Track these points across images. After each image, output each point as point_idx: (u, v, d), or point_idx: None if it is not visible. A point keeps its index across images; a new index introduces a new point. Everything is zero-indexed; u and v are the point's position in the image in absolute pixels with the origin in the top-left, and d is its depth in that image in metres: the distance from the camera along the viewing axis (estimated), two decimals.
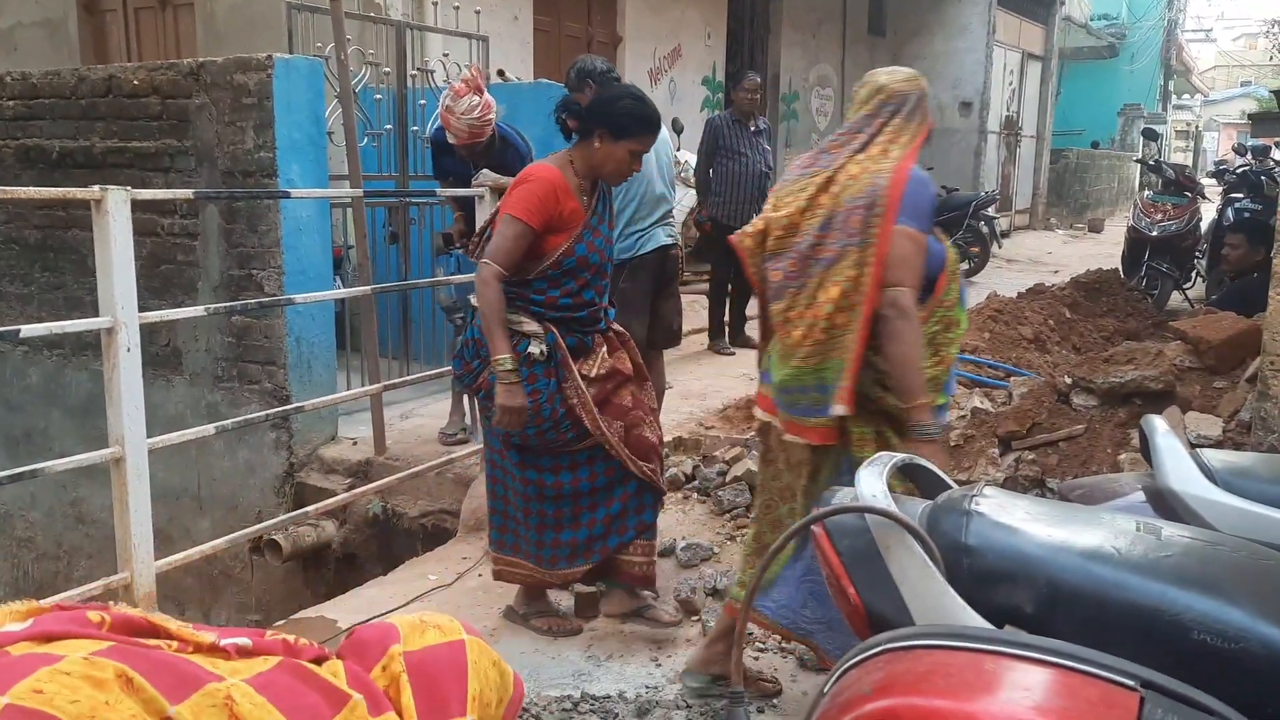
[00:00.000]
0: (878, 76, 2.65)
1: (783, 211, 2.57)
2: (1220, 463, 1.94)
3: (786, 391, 2.58)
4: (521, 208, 2.97)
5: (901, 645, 1.11)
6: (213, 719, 0.85)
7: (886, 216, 2.45)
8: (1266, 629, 1.12)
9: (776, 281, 2.57)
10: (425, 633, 1.09)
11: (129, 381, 2.87)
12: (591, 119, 3.03)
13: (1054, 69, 18.42)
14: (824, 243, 2.51)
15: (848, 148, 2.56)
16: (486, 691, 1.06)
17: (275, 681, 0.93)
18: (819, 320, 2.49)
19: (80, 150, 5.43)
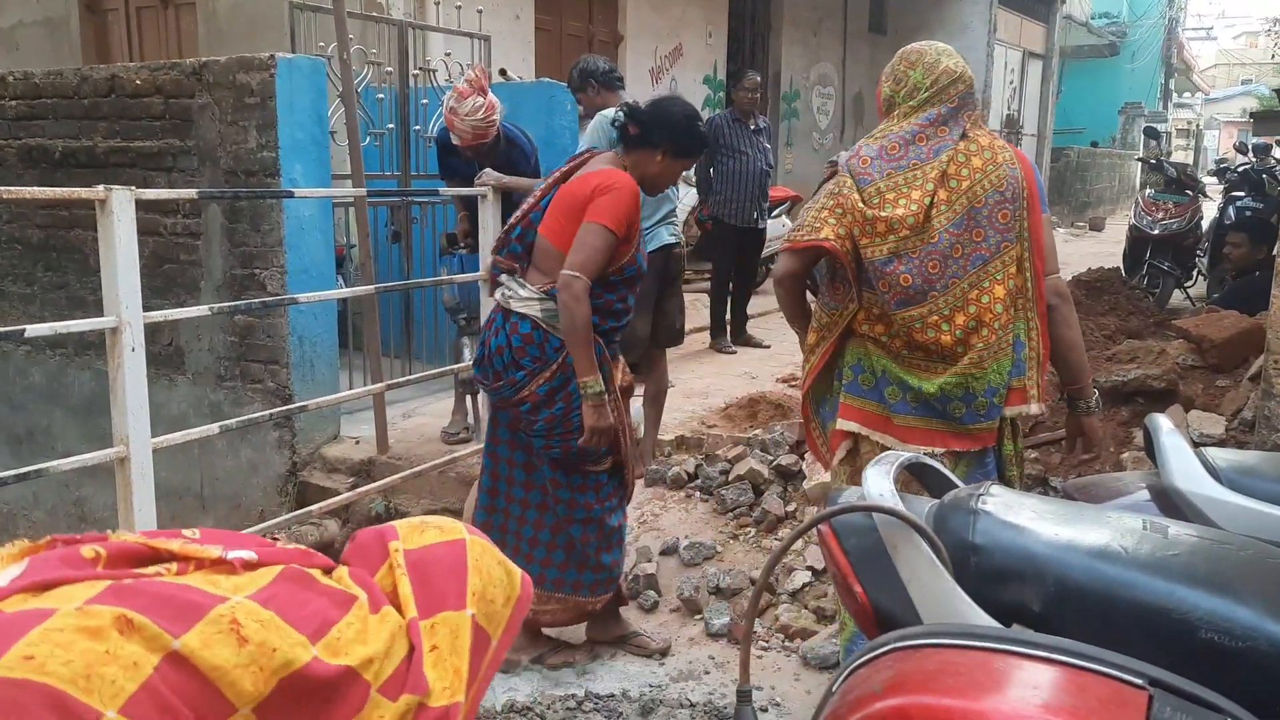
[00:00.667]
0: (943, 59, 2.47)
1: (899, 210, 2.36)
2: (1225, 461, 1.94)
3: (944, 400, 2.40)
4: (612, 217, 2.85)
5: (910, 644, 1.11)
6: (221, 645, 0.85)
7: (1034, 207, 2.44)
8: (1274, 627, 1.12)
9: (908, 285, 2.37)
10: (425, 532, 1.08)
11: (133, 381, 2.87)
12: (661, 134, 2.97)
13: (1055, 67, 18.42)
14: (972, 240, 2.39)
15: (944, 139, 2.42)
16: (489, 588, 1.05)
17: (279, 593, 0.92)
18: (990, 322, 2.38)
19: (83, 150, 5.43)
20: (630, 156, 3.01)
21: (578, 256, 2.84)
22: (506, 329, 2.96)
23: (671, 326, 4.58)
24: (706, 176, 6.94)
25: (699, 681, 3.16)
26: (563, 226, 2.92)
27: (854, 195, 2.42)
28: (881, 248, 2.39)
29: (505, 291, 3.02)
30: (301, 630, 0.90)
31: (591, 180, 2.91)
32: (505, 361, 2.96)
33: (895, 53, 2.62)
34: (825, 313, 2.57)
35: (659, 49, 10.03)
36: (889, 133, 2.48)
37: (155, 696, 0.80)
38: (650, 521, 4.09)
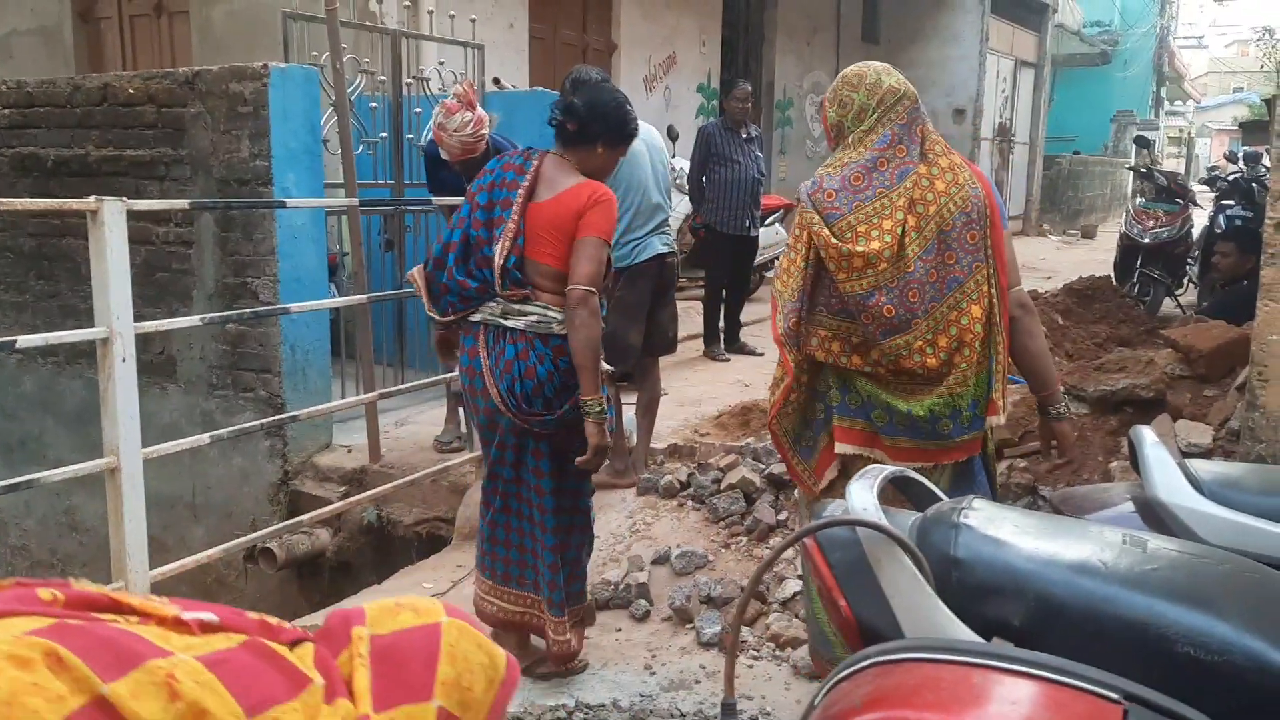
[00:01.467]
0: (884, 79, 2.50)
1: (874, 244, 2.37)
2: (1208, 474, 1.95)
3: (933, 421, 2.43)
4: (609, 229, 2.90)
5: (891, 658, 1.12)
6: (151, 697, 0.82)
7: (995, 225, 2.47)
8: (1251, 642, 1.14)
9: (891, 315, 2.38)
10: (399, 615, 1.03)
11: (124, 391, 2.88)
12: (598, 127, 2.98)
13: (1047, 76, 18.50)
14: (945, 264, 2.42)
15: (903, 160, 2.45)
16: (465, 675, 1.00)
17: (231, 660, 0.89)
18: (970, 341, 2.42)
19: (75, 159, 5.43)
20: (571, 153, 3.01)
21: (587, 269, 2.84)
22: (551, 354, 2.89)
23: (665, 336, 4.59)
24: (699, 185, 6.97)
25: (690, 691, 3.17)
26: (554, 249, 2.89)
27: (824, 231, 2.42)
28: (860, 282, 2.41)
29: (533, 320, 2.91)
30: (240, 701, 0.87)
31: (576, 197, 2.90)
32: (556, 387, 2.90)
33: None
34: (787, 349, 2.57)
35: (653, 58, 10.06)
36: (849, 162, 2.48)
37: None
38: (642, 530, 4.09)
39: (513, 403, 2.90)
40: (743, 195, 6.81)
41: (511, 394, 2.89)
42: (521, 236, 2.91)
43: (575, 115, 2.97)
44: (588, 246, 2.85)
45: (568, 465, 3.04)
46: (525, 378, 2.88)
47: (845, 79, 2.54)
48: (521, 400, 2.89)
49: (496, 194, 2.96)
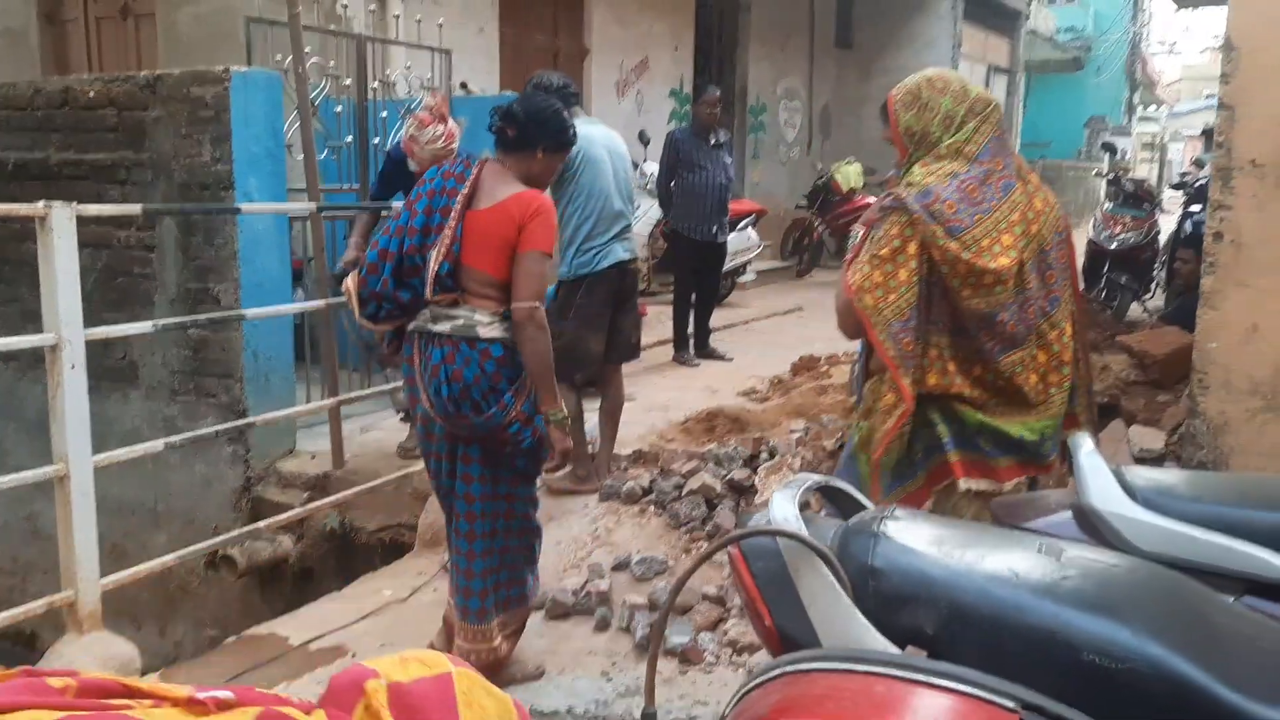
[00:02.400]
0: (969, 87, 2.42)
1: (1002, 259, 2.28)
2: (1145, 480, 1.97)
3: (1041, 442, 2.40)
4: (547, 241, 2.92)
5: (800, 668, 1.13)
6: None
7: (1071, 244, 2.45)
8: (1153, 649, 1.15)
9: (1014, 331, 2.34)
10: (408, 666, 1.03)
11: (73, 399, 2.86)
12: (537, 133, 3.00)
13: (1020, 82, 18.66)
14: (1045, 283, 2.39)
15: (1003, 174, 2.37)
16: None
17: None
18: (1068, 359, 2.41)
19: (35, 162, 5.38)
20: (511, 160, 3.01)
21: (532, 285, 2.88)
22: (477, 357, 2.90)
23: (627, 342, 4.59)
24: (667, 190, 6.98)
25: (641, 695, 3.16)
26: (493, 258, 2.90)
27: (951, 244, 2.28)
28: (988, 299, 2.31)
29: (459, 324, 2.93)
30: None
31: (515, 207, 2.90)
32: (484, 389, 2.91)
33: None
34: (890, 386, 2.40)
35: (625, 62, 10.07)
36: (955, 172, 2.35)
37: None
38: (604, 536, 4.09)
39: (440, 406, 2.91)
40: (710, 201, 6.82)
41: (439, 397, 2.90)
42: (458, 244, 2.91)
43: (514, 121, 2.99)
44: (529, 261, 2.87)
45: (500, 473, 3.05)
46: (452, 381, 2.89)
47: (929, 81, 2.41)
48: (449, 403, 2.90)
49: (436, 201, 2.97)
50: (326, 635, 3.66)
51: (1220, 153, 2.70)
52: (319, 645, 3.60)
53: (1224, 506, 1.92)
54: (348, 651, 3.52)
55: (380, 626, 3.70)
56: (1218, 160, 2.71)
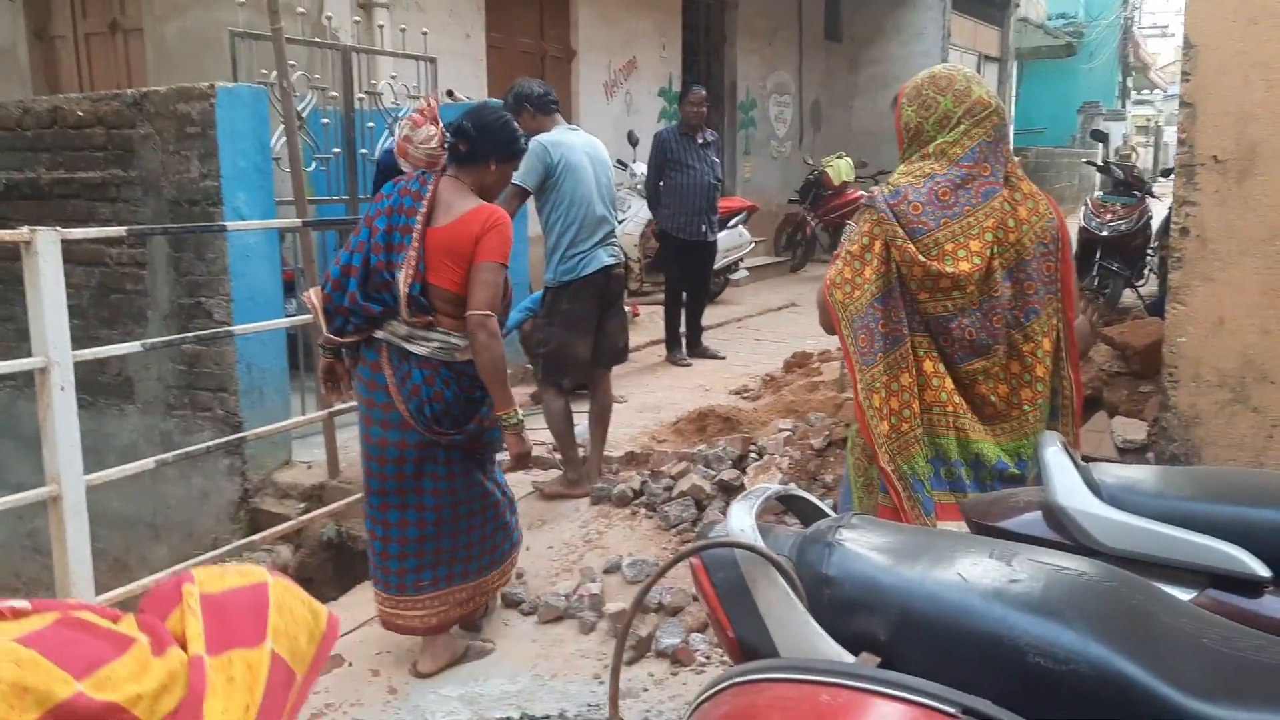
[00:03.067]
0: (974, 88, 2.36)
1: (963, 265, 2.26)
2: (1111, 478, 2.00)
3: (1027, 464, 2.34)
4: (505, 253, 3.05)
5: (748, 679, 1.16)
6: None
7: (1065, 258, 2.38)
8: (1095, 650, 1.18)
9: (974, 338, 2.31)
10: (225, 577, 1.09)
11: (63, 420, 2.90)
12: (488, 146, 3.13)
13: (1011, 70, 18.66)
14: (1024, 293, 2.34)
15: (987, 180, 2.33)
16: (291, 626, 1.07)
17: (48, 634, 0.92)
18: (1041, 375, 2.35)
19: (27, 182, 5.43)
20: (464, 173, 3.14)
21: (484, 295, 2.99)
22: (455, 377, 3.08)
23: (614, 346, 4.62)
24: (655, 191, 7.01)
25: (637, 699, 3.20)
26: (454, 273, 3.02)
27: (909, 247, 2.28)
28: (944, 303, 2.30)
29: (436, 347, 3.06)
30: (66, 668, 0.90)
31: (471, 223, 3.02)
32: (462, 405, 3.11)
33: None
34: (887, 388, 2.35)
35: (612, 63, 10.09)
36: (932, 173, 2.34)
37: None
38: (595, 540, 4.13)
39: (421, 421, 3.07)
40: (698, 200, 6.85)
41: (420, 414, 3.06)
42: (423, 263, 3.01)
43: (465, 136, 3.12)
44: (483, 272, 2.99)
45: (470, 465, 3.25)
46: (433, 401, 3.06)
47: (933, 79, 2.39)
48: (431, 421, 3.07)
49: (395, 219, 3.07)
50: None
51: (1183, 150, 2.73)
52: None
53: (1188, 501, 1.95)
54: (345, 660, 3.56)
55: (376, 634, 3.73)
56: (1180, 157, 2.74)
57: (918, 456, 2.35)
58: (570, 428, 4.51)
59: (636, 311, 7.99)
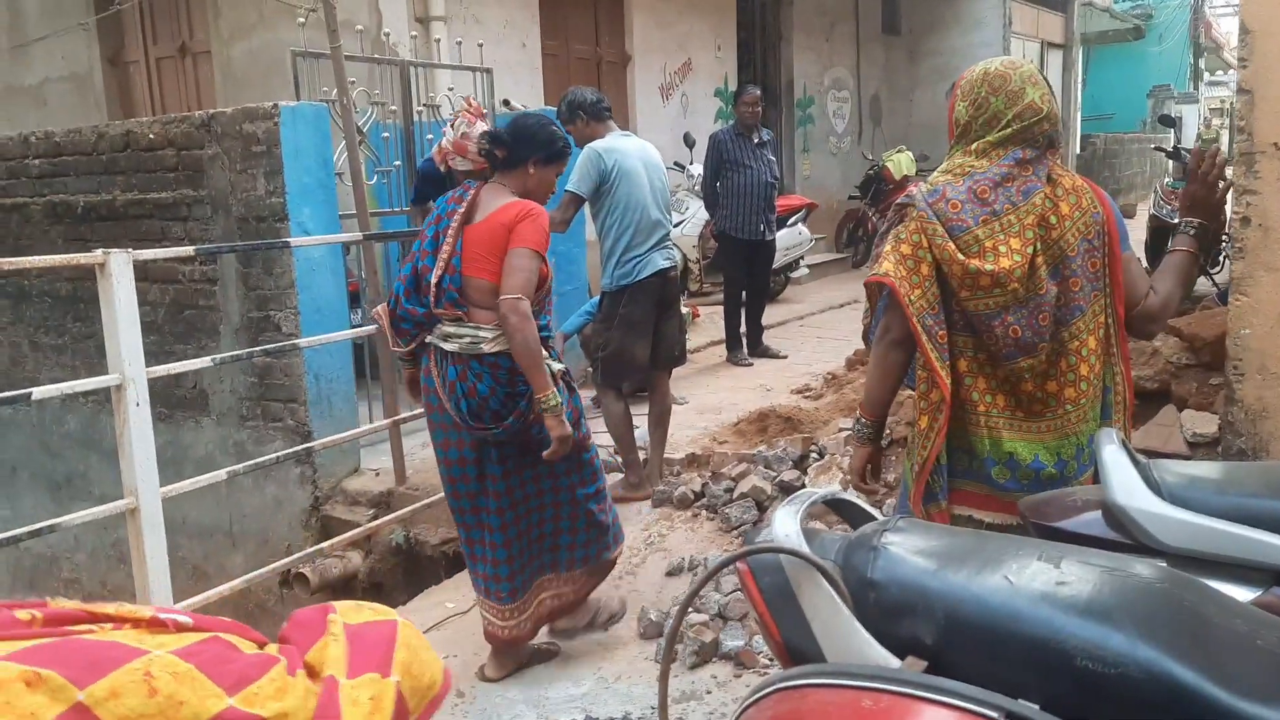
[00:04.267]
0: (1029, 90, 2.32)
1: (1004, 262, 2.24)
2: (1173, 475, 1.96)
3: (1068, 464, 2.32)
4: (539, 241, 3.09)
5: (792, 684, 1.18)
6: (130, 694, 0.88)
7: (1114, 253, 2.34)
8: (1145, 652, 1.17)
9: (1018, 337, 2.27)
10: (362, 611, 1.15)
11: (139, 435, 3.01)
12: (525, 148, 3.19)
13: (1076, 56, 18.26)
14: (1069, 290, 2.31)
15: (1029, 178, 2.30)
16: (415, 665, 1.11)
17: (205, 650, 0.97)
18: (1086, 374, 2.33)
19: (103, 204, 5.63)
20: (505, 178, 3.21)
21: (515, 280, 3.04)
22: (487, 371, 3.10)
23: (671, 349, 4.65)
24: (712, 192, 7.02)
25: (700, 701, 3.22)
26: (491, 263, 3.09)
27: (949, 245, 2.27)
28: (986, 301, 2.27)
29: (465, 342, 3.12)
30: (219, 683, 0.95)
31: (506, 214, 3.10)
32: (501, 399, 3.11)
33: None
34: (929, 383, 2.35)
35: (668, 65, 10.10)
36: (974, 171, 2.33)
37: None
38: (657, 542, 4.16)
39: (463, 418, 3.13)
40: (756, 200, 6.85)
41: (460, 410, 3.12)
42: (457, 257, 3.11)
43: (501, 142, 3.20)
44: (515, 257, 3.05)
45: (526, 459, 3.25)
46: (469, 396, 3.11)
47: (987, 77, 2.35)
48: (469, 416, 3.12)
49: (441, 225, 3.19)
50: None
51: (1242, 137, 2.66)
52: None
53: (1253, 498, 1.91)
54: None
55: (443, 638, 3.81)
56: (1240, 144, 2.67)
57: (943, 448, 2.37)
58: (630, 431, 4.54)
59: (697, 313, 8.00)
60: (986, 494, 2.41)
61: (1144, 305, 2.42)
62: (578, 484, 3.36)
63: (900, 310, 2.35)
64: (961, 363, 2.35)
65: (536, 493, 3.31)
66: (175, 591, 3.42)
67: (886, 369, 2.48)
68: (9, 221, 6.15)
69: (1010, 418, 2.38)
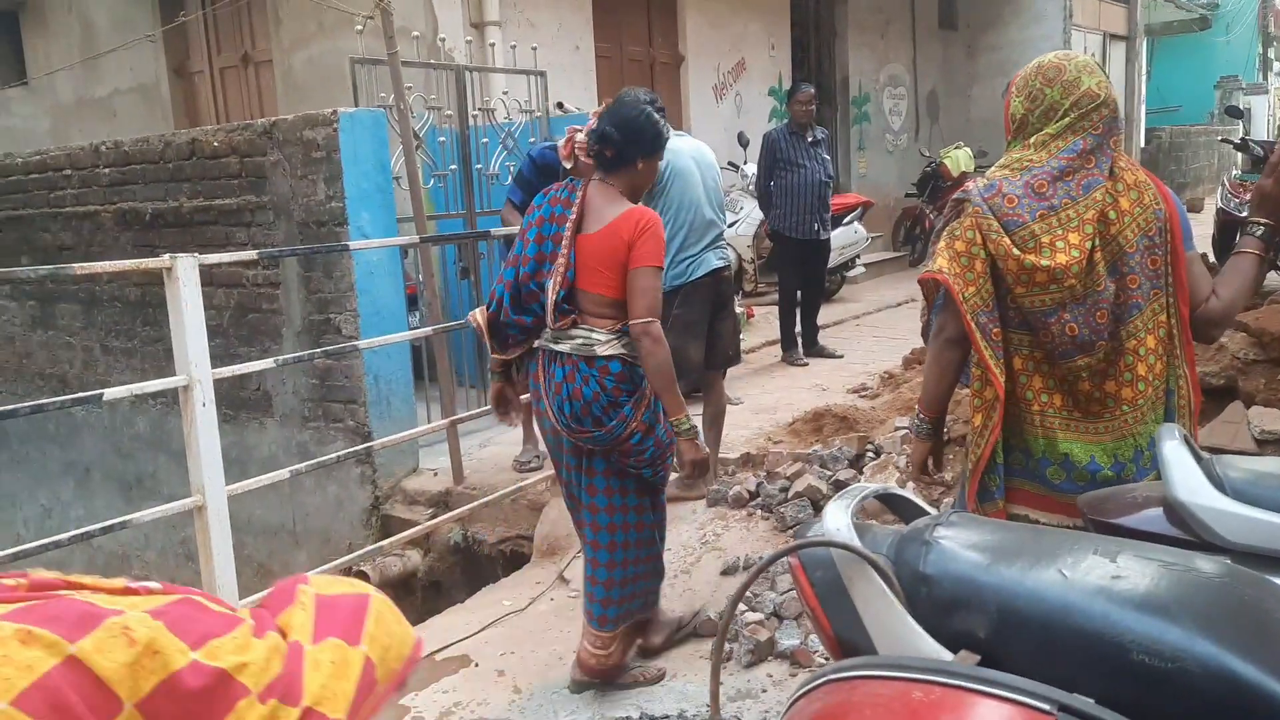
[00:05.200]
0: (1084, 79, 2.28)
1: (1060, 257, 2.20)
2: (1236, 470, 1.92)
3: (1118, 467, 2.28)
4: (660, 256, 3.00)
5: (842, 676, 1.18)
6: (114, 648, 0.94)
7: (1177, 249, 2.29)
8: (1203, 647, 1.15)
9: (1075, 334, 2.23)
10: (336, 584, 1.18)
11: (205, 434, 3.09)
12: (633, 148, 3.07)
13: (1140, 48, 17.87)
14: (1127, 288, 2.26)
15: (1090, 171, 2.26)
16: (384, 638, 1.14)
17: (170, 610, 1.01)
18: (1145, 374, 2.28)
19: (170, 211, 5.79)
20: (614, 177, 3.09)
21: (645, 302, 2.96)
22: (596, 374, 3.03)
23: (725, 351, 4.63)
24: (766, 191, 7.00)
25: (756, 700, 3.22)
26: (608, 278, 3.01)
27: (1004, 240, 2.24)
28: (1042, 297, 2.24)
29: (578, 343, 3.06)
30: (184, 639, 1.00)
31: (624, 227, 2.99)
32: (604, 405, 3.03)
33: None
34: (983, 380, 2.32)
35: (721, 65, 10.10)
36: (1031, 166, 2.29)
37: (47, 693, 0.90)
38: (712, 541, 4.16)
39: (564, 421, 3.06)
40: (810, 199, 6.81)
41: (562, 413, 3.06)
42: (571, 270, 3.03)
43: (610, 141, 3.06)
44: (642, 278, 2.95)
45: (626, 484, 3.16)
46: (573, 399, 3.03)
47: (1041, 69, 2.33)
48: (571, 419, 3.05)
49: (546, 229, 3.11)
50: (452, 646, 3.83)
51: None
52: (445, 655, 3.77)
53: None
54: (472, 661, 3.68)
55: (501, 635, 3.85)
56: None
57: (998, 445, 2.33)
58: None
59: (751, 313, 7.98)
60: (1043, 494, 2.39)
61: (1205, 308, 2.37)
62: (657, 525, 3.30)
63: (954, 308, 2.33)
64: (1017, 360, 2.32)
65: (637, 525, 3.21)
66: (240, 588, 3.51)
67: (943, 367, 2.46)
68: (81, 229, 6.35)
69: (1067, 417, 2.34)
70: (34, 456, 7.27)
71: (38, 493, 7.32)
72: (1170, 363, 2.35)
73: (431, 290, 5.11)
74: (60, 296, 6.72)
